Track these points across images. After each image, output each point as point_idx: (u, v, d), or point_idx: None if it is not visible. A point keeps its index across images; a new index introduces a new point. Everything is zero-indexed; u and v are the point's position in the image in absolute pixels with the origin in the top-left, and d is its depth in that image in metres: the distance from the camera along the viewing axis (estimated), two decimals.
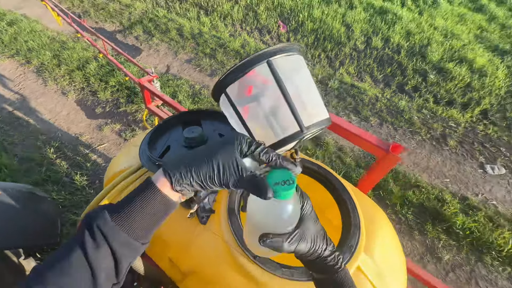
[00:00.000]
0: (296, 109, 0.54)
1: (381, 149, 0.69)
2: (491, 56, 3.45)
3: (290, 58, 0.58)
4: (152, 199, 0.36)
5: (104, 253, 0.33)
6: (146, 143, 0.72)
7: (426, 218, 1.96)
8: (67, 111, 2.49)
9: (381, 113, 2.74)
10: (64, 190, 1.85)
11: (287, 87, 0.56)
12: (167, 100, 1.40)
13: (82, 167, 2.03)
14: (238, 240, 0.53)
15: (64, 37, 3.30)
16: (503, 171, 2.32)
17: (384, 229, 0.64)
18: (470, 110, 2.83)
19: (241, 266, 0.51)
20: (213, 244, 0.56)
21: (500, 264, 1.76)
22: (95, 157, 2.12)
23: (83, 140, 2.25)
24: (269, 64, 0.55)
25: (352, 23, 3.80)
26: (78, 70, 2.83)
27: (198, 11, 4.03)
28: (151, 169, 0.67)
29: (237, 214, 0.58)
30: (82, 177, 1.94)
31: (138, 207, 0.35)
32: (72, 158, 2.09)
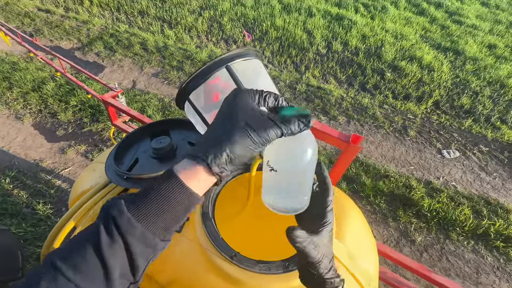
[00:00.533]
0: None
1: (342, 141, 0.74)
2: (436, 53, 3.85)
3: (248, 62, 0.61)
4: (174, 192, 0.32)
5: (119, 249, 0.30)
6: (112, 158, 0.70)
7: (397, 205, 2.09)
8: (23, 136, 2.29)
9: (348, 111, 2.91)
10: (25, 222, 1.69)
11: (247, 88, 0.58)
12: (134, 115, 1.37)
13: (45, 195, 1.87)
14: (214, 242, 0.54)
15: (14, 58, 3.07)
16: (457, 154, 2.57)
17: (353, 215, 0.68)
18: (424, 102, 3.12)
19: (219, 268, 0.51)
20: (190, 251, 0.56)
21: (464, 238, 1.93)
22: (59, 182, 1.97)
23: (44, 166, 2.08)
24: (228, 69, 0.57)
25: (312, 29, 4.03)
26: (33, 92, 2.64)
27: (162, 25, 4.00)
28: (120, 183, 0.65)
29: (211, 218, 0.58)
30: (45, 205, 1.78)
31: (158, 199, 0.32)
32: (33, 186, 1.92)
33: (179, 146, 0.76)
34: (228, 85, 0.61)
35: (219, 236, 0.55)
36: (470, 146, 2.67)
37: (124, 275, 0.31)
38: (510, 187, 2.34)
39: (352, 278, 0.57)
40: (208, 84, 0.61)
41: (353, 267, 0.57)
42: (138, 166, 0.71)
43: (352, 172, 2.27)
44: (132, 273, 0.32)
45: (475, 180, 2.37)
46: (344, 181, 2.18)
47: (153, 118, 2.50)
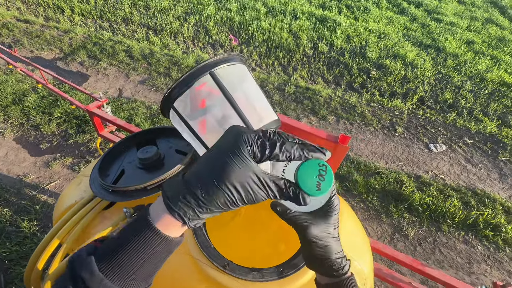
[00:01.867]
0: (244, 114, 0.56)
1: (331, 142, 0.75)
2: (418, 51, 3.97)
3: (232, 67, 0.60)
4: (154, 244, 0.29)
5: None
6: (96, 171, 0.68)
7: (389, 200, 2.12)
8: (5, 151, 2.21)
9: (337, 111, 2.94)
10: (9, 242, 1.61)
11: (233, 94, 0.58)
12: (121, 124, 1.33)
13: (30, 211, 1.80)
14: (205, 252, 0.52)
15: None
16: (444, 147, 2.64)
17: (345, 215, 0.68)
18: (409, 98, 3.19)
19: (212, 278, 0.50)
20: (181, 264, 0.54)
21: (455, 230, 1.98)
22: (45, 197, 1.90)
23: (29, 181, 2.01)
24: (212, 75, 0.56)
25: (298, 31, 4.07)
26: (14, 105, 2.54)
27: (147, 31, 3.95)
28: (105, 197, 0.63)
29: (202, 228, 0.57)
30: (30, 222, 1.71)
31: (135, 254, 0.29)
32: (16, 203, 1.84)
33: (166, 155, 0.75)
34: (214, 90, 0.60)
35: (210, 246, 0.53)
36: (456, 139, 2.75)
37: None
38: (495, 177, 2.41)
39: None
40: (193, 90, 0.60)
41: None
42: (124, 178, 0.69)
43: (344, 171, 2.29)
44: None
45: (462, 172, 2.44)
46: (336, 180, 2.20)
47: (141, 126, 2.46)
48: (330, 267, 0.41)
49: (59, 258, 0.61)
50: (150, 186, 0.61)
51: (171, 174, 0.63)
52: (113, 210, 0.66)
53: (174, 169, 0.63)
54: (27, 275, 0.61)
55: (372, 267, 0.65)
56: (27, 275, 0.61)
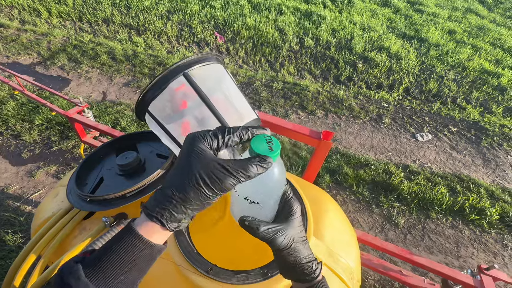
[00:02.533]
0: (221, 115, 0.55)
1: (314, 139, 0.74)
2: (402, 42, 4.02)
3: (207, 67, 0.59)
4: (136, 250, 0.31)
5: None
6: (73, 180, 0.65)
7: (379, 191, 2.16)
8: None
9: (325, 105, 2.96)
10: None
11: (210, 96, 0.56)
12: (103, 129, 1.30)
13: (14, 223, 1.73)
14: (189, 259, 0.51)
15: None
16: (429, 136, 2.70)
17: (331, 211, 0.68)
18: (395, 90, 3.24)
19: (195, 285, 0.49)
20: (163, 271, 0.53)
21: (443, 216, 2.03)
22: (29, 208, 1.84)
23: (11, 192, 1.93)
24: (186, 77, 0.54)
25: (284, 27, 4.06)
26: None
27: (129, 32, 3.85)
28: (82, 207, 0.60)
29: (184, 233, 0.56)
30: (15, 235, 1.66)
31: (118, 259, 0.30)
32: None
33: (147, 159, 0.73)
34: (191, 90, 0.58)
35: (193, 251, 0.52)
36: (441, 128, 2.81)
37: None
38: (479, 163, 2.49)
39: (333, 275, 0.56)
40: (172, 91, 0.58)
41: (333, 264, 0.57)
42: (103, 186, 0.67)
43: (334, 164, 2.31)
44: None
45: (447, 159, 2.50)
46: (327, 174, 2.22)
47: (127, 130, 2.41)
48: (302, 272, 0.41)
49: (38, 272, 0.58)
50: (129, 194, 0.60)
51: (151, 180, 0.61)
52: (93, 219, 0.64)
53: (154, 175, 0.62)
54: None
55: (359, 260, 0.66)
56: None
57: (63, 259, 0.56)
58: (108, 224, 0.57)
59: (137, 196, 0.60)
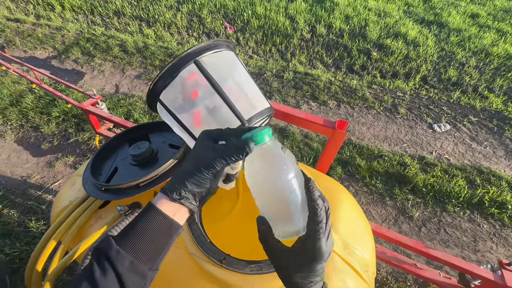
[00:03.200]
0: (233, 104, 0.54)
1: (328, 128, 0.72)
2: (420, 28, 3.82)
3: (218, 54, 0.57)
4: (154, 221, 0.36)
5: (111, 280, 0.33)
6: (89, 170, 0.67)
7: (393, 183, 2.10)
8: (7, 154, 2.22)
9: (337, 95, 2.88)
10: (18, 242, 1.65)
11: (222, 84, 0.55)
12: (116, 121, 1.32)
13: (37, 211, 1.82)
14: (202, 248, 0.51)
15: None
16: (448, 127, 2.59)
17: (345, 202, 0.67)
18: (412, 78, 3.11)
19: (209, 273, 0.49)
20: (177, 259, 0.54)
21: (460, 209, 1.96)
22: (50, 197, 1.92)
23: (33, 181, 2.02)
24: (197, 64, 0.53)
25: (295, 15, 3.94)
26: (12, 107, 2.54)
27: (140, 24, 3.86)
28: (98, 196, 0.62)
29: (197, 222, 0.56)
30: (38, 222, 1.74)
31: (141, 229, 0.35)
32: (23, 204, 1.86)
33: (160, 150, 0.73)
34: (202, 79, 0.57)
35: (206, 240, 0.53)
36: (460, 118, 2.68)
37: None
38: (500, 154, 2.37)
39: (348, 268, 0.55)
40: (184, 81, 0.57)
41: (348, 257, 0.55)
42: (117, 176, 0.68)
43: (346, 156, 2.26)
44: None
45: (467, 151, 2.39)
46: (339, 165, 2.18)
47: (140, 122, 2.44)
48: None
49: (58, 258, 0.61)
50: (142, 183, 0.60)
51: (163, 170, 0.61)
52: (108, 208, 0.66)
53: (166, 164, 0.62)
54: (27, 276, 0.62)
55: (374, 253, 0.64)
56: (27, 276, 0.62)
57: (81, 246, 0.58)
58: (123, 212, 0.58)
59: (150, 186, 0.60)
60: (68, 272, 1.52)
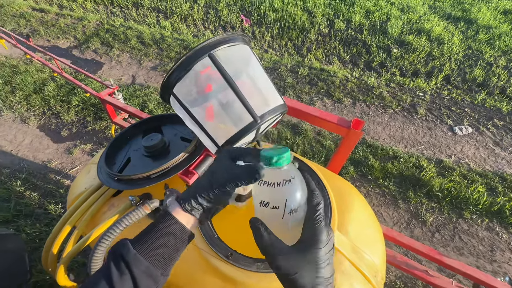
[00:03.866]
0: (246, 99, 0.53)
1: (343, 127, 0.69)
2: (445, 24, 3.62)
3: (233, 48, 0.56)
4: (169, 227, 0.38)
5: (127, 281, 0.35)
6: (103, 160, 0.68)
7: (407, 186, 2.04)
8: (30, 139, 2.33)
9: (353, 93, 2.80)
10: (38, 223, 1.74)
11: (236, 79, 0.54)
12: (131, 111, 1.34)
13: (55, 195, 1.91)
14: (210, 242, 0.52)
15: (14, 61, 3.08)
16: (470, 130, 2.46)
17: (356, 205, 0.65)
18: (434, 77, 2.96)
19: (216, 269, 0.50)
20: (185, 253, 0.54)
21: (478, 216, 1.87)
22: (68, 182, 2.01)
23: (53, 166, 2.12)
24: (211, 57, 0.52)
25: (313, 8, 3.84)
26: (35, 94, 2.65)
27: (157, 15, 3.89)
28: (111, 185, 0.63)
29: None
30: (56, 205, 1.83)
31: (158, 235, 0.38)
32: (43, 187, 1.96)
33: (172, 142, 0.74)
34: (216, 73, 0.56)
35: (214, 235, 0.53)
36: (484, 121, 2.54)
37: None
38: None
39: (357, 272, 0.54)
40: (197, 74, 0.57)
41: (357, 261, 0.54)
42: (130, 166, 0.69)
43: (359, 155, 2.21)
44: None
45: (489, 156, 2.27)
46: (351, 165, 2.13)
47: (154, 113, 2.49)
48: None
49: (72, 242, 0.63)
50: (154, 175, 0.61)
51: (174, 163, 0.62)
52: (121, 197, 0.67)
53: (177, 158, 0.62)
54: (44, 257, 0.65)
55: (384, 257, 0.63)
56: (44, 257, 0.65)
57: (94, 232, 0.60)
58: (134, 203, 0.59)
59: (161, 178, 0.61)
60: (81, 255, 1.59)
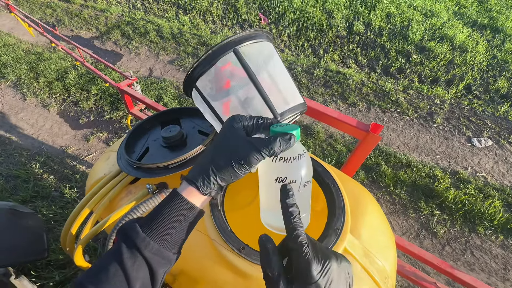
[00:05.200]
0: (267, 96, 0.53)
1: (361, 130, 0.69)
2: (470, 32, 3.50)
3: (257, 45, 0.56)
4: (179, 209, 0.37)
5: (139, 263, 0.35)
6: (123, 147, 0.70)
7: (419, 195, 1.99)
8: (50, 124, 2.42)
9: (368, 97, 2.75)
10: (54, 205, 1.81)
11: (258, 75, 0.54)
12: (149, 103, 1.37)
13: (71, 179, 1.98)
14: (223, 235, 0.53)
15: (39, 49, 3.20)
16: (489, 143, 2.37)
17: (370, 209, 0.64)
18: (454, 86, 2.87)
19: (227, 261, 0.51)
20: (198, 242, 0.55)
21: (492, 232, 1.81)
22: (83, 168, 2.08)
23: (70, 152, 2.20)
24: (236, 53, 0.53)
25: (332, 9, 3.79)
26: (57, 81, 2.75)
27: (177, 10, 3.95)
28: (130, 172, 0.65)
29: (220, 209, 0.57)
30: (71, 189, 1.90)
31: (167, 217, 0.37)
32: (60, 171, 2.04)
33: (189, 135, 0.75)
34: (237, 69, 0.57)
35: (227, 228, 0.54)
36: (505, 134, 2.44)
37: (145, 286, 0.35)
38: None
39: (368, 277, 0.54)
40: (218, 70, 0.58)
41: (368, 265, 0.54)
42: (148, 155, 0.71)
43: (371, 161, 2.17)
44: (152, 285, 0.36)
45: (508, 170, 2.18)
46: (362, 170, 2.10)
47: (169, 106, 2.53)
48: None
49: (90, 225, 0.66)
50: (171, 165, 0.62)
51: (192, 154, 0.63)
52: (138, 185, 0.69)
53: (195, 150, 0.63)
54: (62, 238, 0.68)
55: (395, 265, 0.62)
56: (62, 238, 0.68)
57: (111, 217, 0.62)
58: (151, 191, 0.61)
59: (179, 169, 0.62)
60: (93, 240, 1.64)
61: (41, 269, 1.45)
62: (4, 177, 1.98)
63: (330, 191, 0.60)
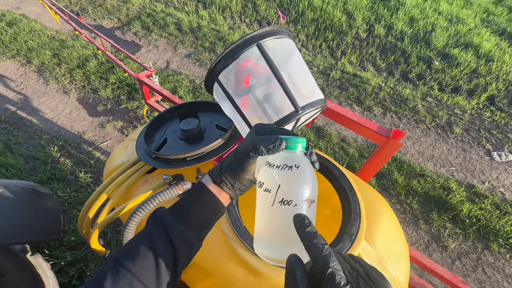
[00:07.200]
0: (289, 89, 0.53)
1: (382, 136, 0.67)
2: (498, 40, 3.35)
3: (280, 40, 0.56)
4: (203, 197, 0.41)
5: (165, 242, 0.38)
6: (142, 137, 0.72)
7: (432, 207, 1.93)
8: (69, 109, 2.50)
9: (385, 102, 2.69)
10: (69, 188, 1.87)
11: (279, 69, 0.54)
12: (166, 95, 1.39)
13: (86, 164, 2.04)
14: (237, 231, 0.53)
15: (63, 36, 3.30)
16: (510, 157, 2.27)
17: (386, 217, 0.63)
18: (476, 96, 2.76)
19: (240, 257, 0.51)
20: (212, 236, 0.56)
21: (507, 251, 1.74)
22: (98, 154, 2.14)
23: (86, 138, 2.26)
24: (259, 47, 0.53)
25: (353, 11, 3.71)
26: (78, 69, 2.83)
27: (197, 4, 3.97)
28: (148, 162, 0.66)
29: (235, 206, 0.57)
30: (86, 174, 1.96)
31: (191, 203, 0.41)
32: (76, 156, 2.10)
33: (207, 129, 0.76)
34: (258, 66, 0.57)
35: (241, 225, 0.54)
36: None
37: (169, 267, 0.38)
38: None
39: None
40: (239, 66, 0.58)
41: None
42: (166, 146, 0.72)
43: (383, 168, 2.13)
44: (175, 266, 0.38)
45: None
46: (373, 176, 2.06)
47: (183, 99, 2.56)
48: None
49: (107, 211, 0.68)
50: (189, 158, 0.63)
51: (210, 148, 0.63)
52: (155, 175, 0.70)
53: (214, 144, 0.64)
54: (80, 220, 0.70)
55: (408, 276, 0.60)
56: (80, 220, 0.70)
57: (128, 204, 0.64)
58: (168, 182, 0.62)
59: (196, 162, 0.63)
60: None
61: (54, 249, 1.51)
62: (24, 158, 2.07)
63: (346, 195, 0.59)
